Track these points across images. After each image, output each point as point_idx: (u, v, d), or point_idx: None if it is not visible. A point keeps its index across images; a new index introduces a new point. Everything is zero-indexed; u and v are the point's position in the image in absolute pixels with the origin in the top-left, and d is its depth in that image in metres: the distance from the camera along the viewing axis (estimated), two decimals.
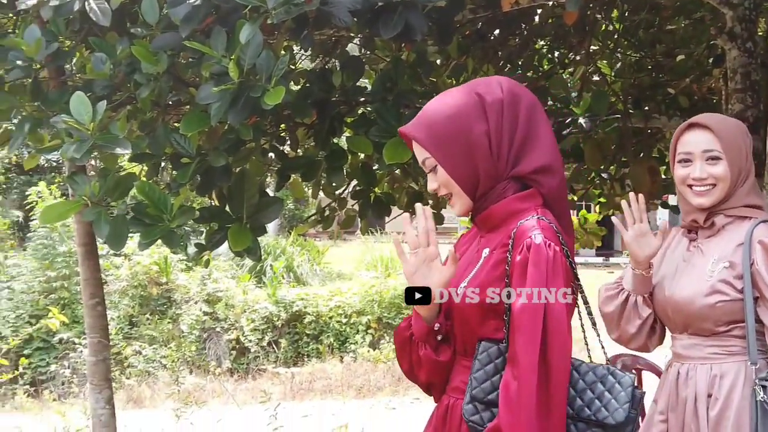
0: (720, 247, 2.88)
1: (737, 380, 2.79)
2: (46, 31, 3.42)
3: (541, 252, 2.22)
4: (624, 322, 3.04)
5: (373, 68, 4.53)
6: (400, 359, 2.53)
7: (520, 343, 2.19)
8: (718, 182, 2.87)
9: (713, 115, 2.99)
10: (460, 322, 2.39)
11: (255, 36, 2.96)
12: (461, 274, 2.41)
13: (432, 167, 2.38)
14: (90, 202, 3.41)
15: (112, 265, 13.29)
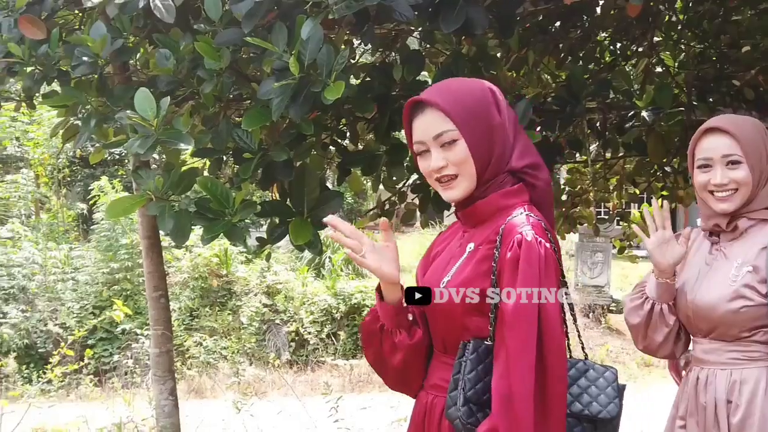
0: (743, 250, 2.84)
1: (758, 386, 2.75)
2: (112, 27, 3.47)
3: (533, 249, 2.18)
4: (651, 331, 3.00)
5: (433, 62, 4.52)
6: (367, 351, 2.54)
7: (514, 343, 2.15)
8: (740, 187, 2.83)
9: (730, 118, 2.93)
10: (442, 317, 2.36)
11: (316, 31, 2.97)
12: (443, 268, 2.39)
13: (449, 141, 2.29)
14: (154, 197, 3.45)
15: (173, 257, 13.46)
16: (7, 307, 13.01)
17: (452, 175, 2.32)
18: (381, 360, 2.50)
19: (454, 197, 2.35)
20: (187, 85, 3.54)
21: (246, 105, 4.10)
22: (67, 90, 3.71)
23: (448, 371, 2.33)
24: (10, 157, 18.57)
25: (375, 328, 2.47)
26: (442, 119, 2.29)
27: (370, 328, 2.49)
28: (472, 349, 2.25)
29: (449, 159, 2.30)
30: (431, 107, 2.30)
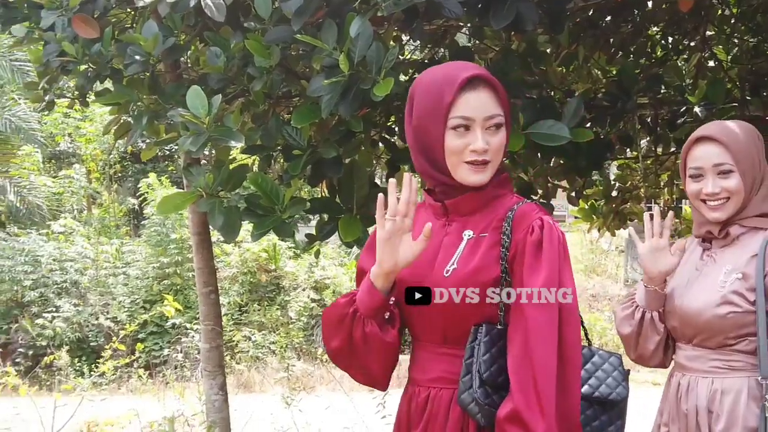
0: (734, 257, 2.81)
1: (740, 397, 2.73)
2: (163, 26, 3.50)
3: (554, 231, 2.21)
4: (642, 340, 2.97)
5: (482, 58, 4.50)
6: (331, 336, 2.36)
7: (537, 324, 2.15)
8: (732, 195, 2.80)
9: (722, 126, 2.88)
10: (448, 307, 2.26)
11: (365, 29, 2.98)
12: (434, 258, 2.31)
13: (496, 125, 2.24)
14: (204, 194, 3.48)
15: (222, 252, 13.57)
16: (60, 301, 13.20)
17: (485, 160, 2.25)
18: (349, 349, 2.34)
19: (481, 182, 2.26)
20: (238, 82, 3.57)
21: (295, 102, 4.12)
22: (119, 88, 3.75)
23: (453, 363, 2.28)
24: (63, 152, 18.84)
25: (348, 311, 2.30)
26: (495, 102, 2.25)
27: (341, 312, 2.32)
28: (485, 332, 2.21)
29: (492, 143, 2.24)
30: (489, 86, 2.25)
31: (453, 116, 2.22)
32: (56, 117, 17.00)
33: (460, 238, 2.30)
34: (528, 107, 3.34)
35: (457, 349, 2.27)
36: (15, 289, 13.41)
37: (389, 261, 2.22)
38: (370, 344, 2.30)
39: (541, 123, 3.18)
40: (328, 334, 2.37)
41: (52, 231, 14.83)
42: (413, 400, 2.36)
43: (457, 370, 2.26)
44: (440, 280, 2.27)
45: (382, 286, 2.26)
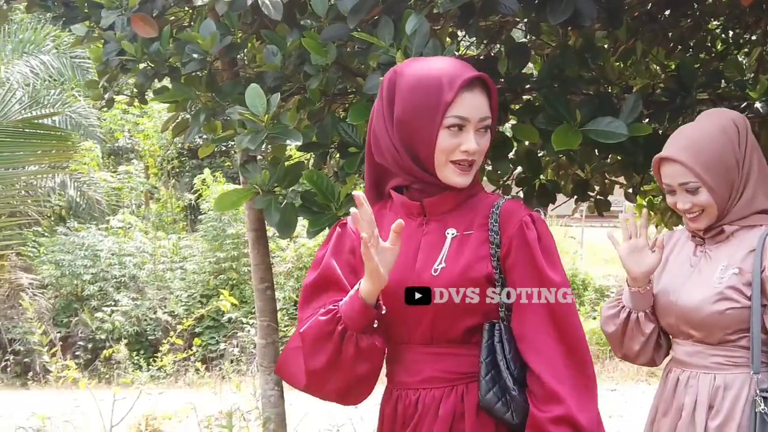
0: (729, 253, 2.77)
1: (741, 393, 2.69)
2: (220, 24, 3.53)
3: (546, 226, 2.28)
4: (627, 340, 2.94)
5: (539, 53, 4.47)
6: (315, 356, 2.26)
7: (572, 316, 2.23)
8: (704, 208, 2.76)
9: (682, 142, 2.79)
10: (438, 306, 2.23)
11: (422, 25, 2.98)
12: (427, 256, 2.27)
13: (485, 127, 2.25)
14: (261, 191, 3.51)
15: (278, 247, 13.64)
16: (119, 295, 13.40)
17: (472, 161, 2.25)
18: (334, 367, 2.26)
19: (464, 184, 2.26)
20: (294, 80, 3.58)
21: (350, 99, 4.13)
22: (177, 86, 3.79)
23: (446, 361, 2.27)
24: (121, 148, 19.09)
25: (334, 329, 2.22)
26: (488, 105, 2.26)
27: (324, 330, 2.23)
28: (504, 330, 2.24)
29: (480, 146, 2.24)
30: (485, 88, 2.26)
31: (450, 115, 2.20)
32: (115, 113, 17.23)
33: (443, 236, 2.28)
34: (585, 104, 3.31)
35: (446, 347, 2.27)
36: (75, 283, 13.65)
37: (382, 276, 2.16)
38: (363, 358, 2.25)
39: (598, 120, 3.15)
40: (311, 354, 2.27)
41: (111, 226, 15.05)
42: (400, 402, 2.33)
43: (448, 368, 2.27)
44: (429, 280, 2.24)
45: (373, 302, 2.21)
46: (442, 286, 2.23)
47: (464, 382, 2.26)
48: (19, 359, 12.88)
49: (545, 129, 3.30)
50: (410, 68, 2.30)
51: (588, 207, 4.88)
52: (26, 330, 12.76)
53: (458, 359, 2.27)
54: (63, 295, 13.73)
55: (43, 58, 14.38)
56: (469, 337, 2.26)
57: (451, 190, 2.28)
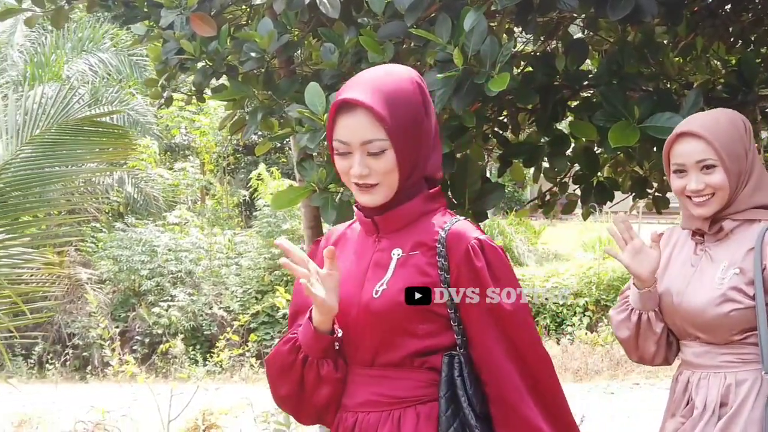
0: (729, 252, 2.72)
1: (753, 388, 2.65)
2: (278, 23, 3.55)
3: (499, 252, 2.18)
4: (642, 341, 2.88)
5: (597, 50, 4.42)
6: (280, 385, 2.28)
7: (524, 342, 2.15)
8: (716, 191, 2.70)
9: (703, 119, 2.77)
10: (375, 328, 2.17)
11: (480, 22, 2.96)
12: (363, 276, 2.21)
13: (378, 151, 2.10)
14: (318, 188, 3.52)
15: None
16: (175, 290, 13.54)
17: (373, 184, 2.14)
18: (300, 395, 2.27)
19: (371, 203, 2.18)
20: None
21: None
22: (235, 84, 3.82)
23: (383, 384, 2.19)
24: (178, 145, 19.29)
25: (295, 359, 2.22)
26: (372, 126, 2.10)
27: (286, 360, 2.24)
28: (464, 362, 2.14)
29: (373, 168, 2.12)
30: (363, 109, 2.10)
31: (334, 139, 2.16)
32: (172, 110, 17.38)
33: (390, 256, 2.19)
34: (644, 100, 3.27)
35: (384, 371, 2.19)
36: (132, 279, 13.82)
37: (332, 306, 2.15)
38: (324, 383, 2.24)
39: (657, 116, 3.11)
40: (276, 383, 2.29)
41: (168, 222, 15.22)
42: (341, 425, 2.27)
43: (386, 393, 2.19)
44: (368, 302, 2.17)
45: (327, 327, 2.19)
46: (382, 309, 2.16)
47: (401, 407, 2.17)
48: (78, 353, 13.09)
49: (603, 126, 3.27)
50: None
51: (646, 204, 4.83)
52: (85, 324, 12.97)
53: (396, 383, 2.19)
54: (121, 290, 13.91)
55: (101, 56, 14.60)
56: (410, 362, 2.17)
57: (401, 207, 2.19)
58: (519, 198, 20.03)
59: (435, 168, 2.23)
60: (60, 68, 13.45)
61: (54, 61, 13.58)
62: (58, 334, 13.19)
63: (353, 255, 2.28)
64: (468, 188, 3.47)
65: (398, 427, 2.15)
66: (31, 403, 8.45)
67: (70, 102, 5.11)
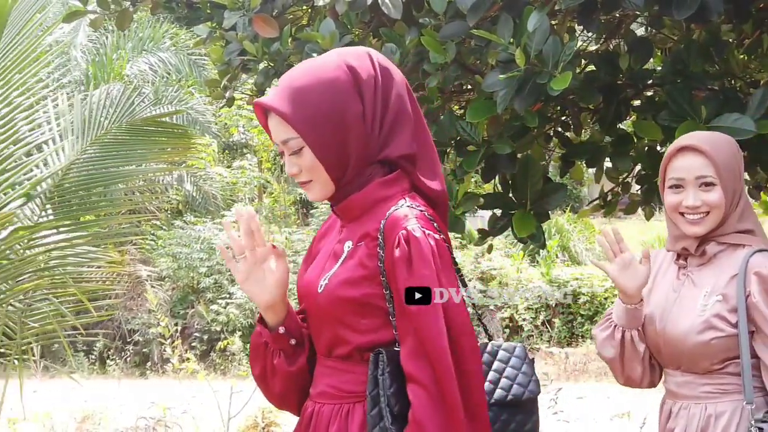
0: (713, 277, 2.65)
1: (732, 421, 2.58)
2: (339, 23, 3.56)
3: (423, 245, 2.02)
4: (628, 362, 2.80)
5: (660, 48, 4.37)
6: (252, 364, 2.31)
7: (431, 347, 1.99)
8: (712, 210, 2.62)
9: (706, 136, 2.72)
10: (326, 321, 2.15)
11: (542, 22, 2.94)
12: (321, 267, 2.18)
13: (296, 149, 2.10)
14: None
15: None
16: (233, 287, 13.65)
17: (306, 181, 2.15)
18: (264, 378, 2.29)
19: (313, 199, 2.20)
20: (411, 78, 3.58)
21: (467, 97, 4.11)
22: None
23: (336, 376, 2.17)
24: (236, 143, 19.44)
25: (260, 342, 2.25)
26: (283, 126, 2.11)
27: (256, 342, 2.26)
28: (388, 360, 2.06)
29: (299, 165, 2.13)
30: (275, 113, 2.11)
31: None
32: (230, 109, 17.54)
33: (343, 247, 2.17)
34: (711, 100, 3.23)
35: (341, 363, 2.17)
36: (191, 276, 13.96)
37: (261, 297, 2.17)
38: (276, 374, 2.25)
39: (725, 117, 3.07)
40: (252, 362, 2.32)
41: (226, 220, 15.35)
42: (303, 414, 2.26)
43: (337, 385, 2.16)
44: (316, 294, 2.16)
45: (272, 320, 2.21)
46: (324, 303, 2.14)
47: (350, 401, 2.14)
48: (138, 349, 13.27)
49: (668, 125, 3.24)
50: None
51: None
52: (145, 321, 13.14)
53: (346, 376, 2.16)
54: (180, 288, 14.07)
55: (161, 55, 14.78)
56: (359, 356, 2.13)
57: (354, 195, 2.15)
58: (577, 195, 19.85)
59: (394, 151, 2.14)
60: (122, 68, 13.64)
61: (116, 61, 13.77)
62: (119, 331, 13.39)
63: (325, 245, 2.27)
64: (530, 189, 3.46)
65: (347, 422, 2.13)
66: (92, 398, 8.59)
67: (134, 102, 5.18)
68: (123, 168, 5.28)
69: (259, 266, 2.17)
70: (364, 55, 2.17)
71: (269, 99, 2.12)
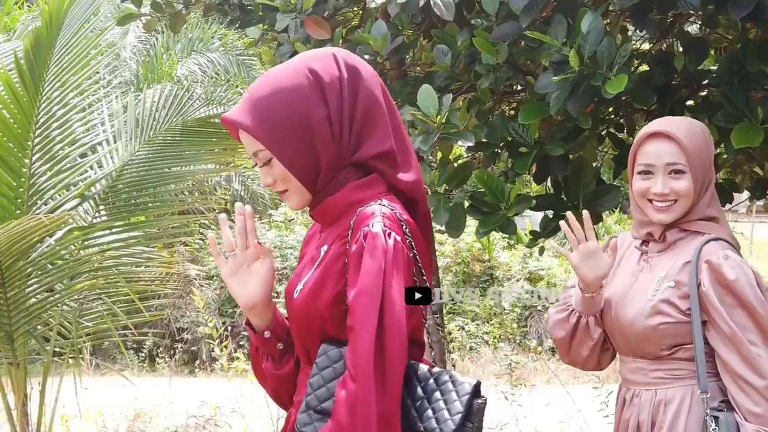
0: (668, 264, 2.61)
1: (682, 406, 2.55)
2: (391, 25, 3.55)
3: (378, 241, 1.97)
4: (576, 344, 2.79)
5: (714, 47, 4.31)
6: (253, 369, 2.34)
7: (355, 342, 1.95)
8: (680, 198, 2.59)
9: (678, 122, 2.65)
10: (301, 326, 2.14)
11: (597, 24, 2.92)
12: (299, 273, 2.18)
13: (266, 160, 2.10)
14: (429, 190, 3.52)
15: (436, 242, 13.69)
16: (281, 287, 13.70)
17: (283, 190, 2.15)
18: (261, 381, 2.34)
19: (293, 208, 2.18)
20: (463, 80, 3.58)
21: (518, 98, 4.09)
22: None
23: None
24: None
25: (252, 347, 2.31)
26: (250, 139, 2.10)
27: (252, 345, 2.32)
28: (322, 351, 2.06)
29: (274, 176, 2.13)
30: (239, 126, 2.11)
31: None
32: None
33: (320, 252, 2.15)
34: (767, 100, 3.18)
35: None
36: None
37: (243, 297, 2.18)
38: (267, 377, 2.28)
39: None
40: (252, 366, 2.35)
41: (273, 219, 15.41)
42: (287, 421, 2.26)
43: None
44: (292, 300, 2.16)
45: (257, 323, 2.22)
46: (298, 308, 2.14)
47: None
48: (187, 347, 13.37)
49: (724, 126, 3.20)
50: None
51: (765, 204, 4.71)
52: (194, 320, 13.24)
53: None
54: None
55: (210, 56, 14.88)
56: None
57: (324, 202, 2.15)
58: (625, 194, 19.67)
59: (369, 151, 2.11)
60: (172, 69, 13.76)
61: (165, 61, 13.90)
62: (168, 329, 13.50)
63: (308, 250, 2.25)
64: (582, 190, 3.44)
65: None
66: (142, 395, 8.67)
67: (185, 103, 5.23)
68: (174, 169, 5.32)
69: (247, 267, 2.19)
70: (328, 56, 2.14)
71: (233, 113, 2.11)
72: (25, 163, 4.64)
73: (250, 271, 2.18)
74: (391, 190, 2.13)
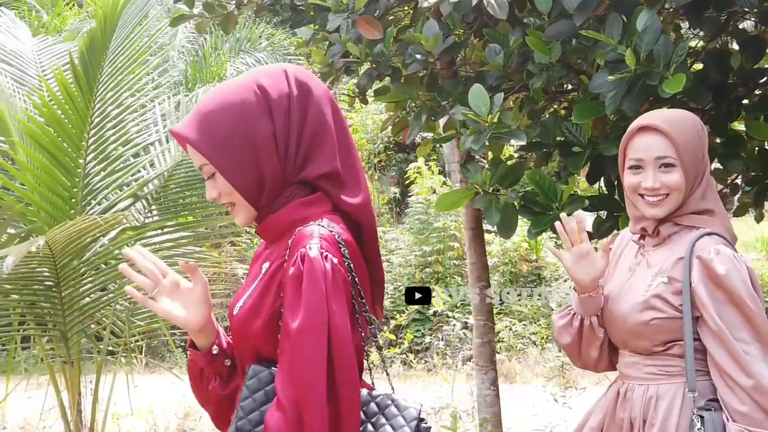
0: (663, 258, 2.57)
1: (674, 404, 2.51)
2: (442, 24, 3.54)
3: (317, 265, 1.93)
4: (585, 347, 2.75)
5: None
6: (194, 392, 2.26)
7: (301, 370, 1.89)
8: (671, 192, 2.54)
9: (668, 115, 2.59)
10: (242, 345, 2.09)
11: (653, 22, 2.89)
12: (243, 290, 2.12)
13: (210, 174, 2.07)
14: (481, 191, 3.50)
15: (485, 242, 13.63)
16: None
17: (230, 203, 2.10)
18: (204, 404, 2.27)
19: (241, 224, 2.14)
20: (515, 79, 3.55)
21: (571, 97, 4.06)
22: (398, 86, 3.83)
23: None
24: None
25: (196, 369, 2.22)
26: (195, 152, 2.07)
27: (192, 369, 2.24)
28: (253, 373, 2.01)
29: (218, 190, 2.08)
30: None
31: None
32: None
33: (261, 269, 2.11)
34: None
35: None
36: None
37: (190, 322, 2.12)
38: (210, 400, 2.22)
39: None
40: (192, 389, 2.28)
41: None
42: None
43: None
44: (232, 317, 2.11)
45: (203, 343, 2.17)
46: (236, 326, 2.09)
47: None
48: None
49: None
50: None
51: None
52: None
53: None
54: None
55: (258, 56, 14.95)
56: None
57: (267, 219, 2.11)
58: None
59: (315, 170, 2.08)
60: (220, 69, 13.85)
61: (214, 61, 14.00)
62: None
63: (254, 267, 2.20)
64: None
65: None
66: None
67: None
68: None
69: (177, 291, 2.14)
70: (278, 72, 2.10)
71: (180, 126, 2.08)
72: (79, 163, 4.69)
73: (182, 293, 2.14)
74: (336, 210, 2.10)
